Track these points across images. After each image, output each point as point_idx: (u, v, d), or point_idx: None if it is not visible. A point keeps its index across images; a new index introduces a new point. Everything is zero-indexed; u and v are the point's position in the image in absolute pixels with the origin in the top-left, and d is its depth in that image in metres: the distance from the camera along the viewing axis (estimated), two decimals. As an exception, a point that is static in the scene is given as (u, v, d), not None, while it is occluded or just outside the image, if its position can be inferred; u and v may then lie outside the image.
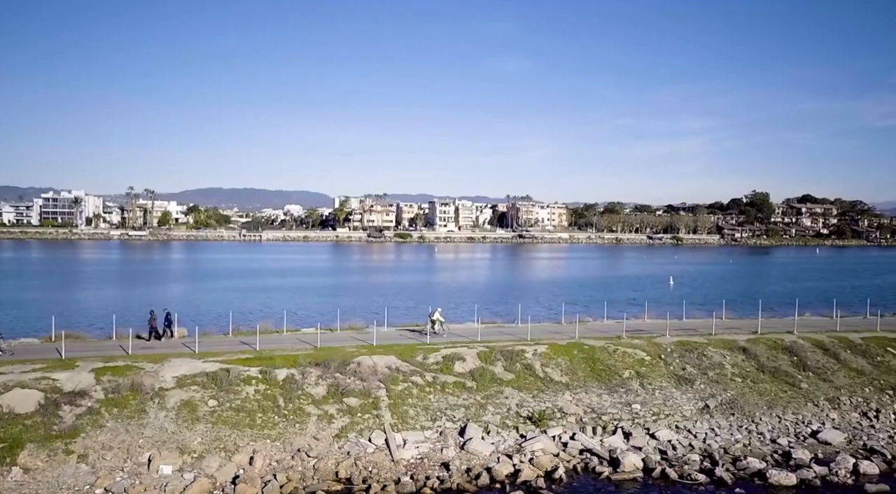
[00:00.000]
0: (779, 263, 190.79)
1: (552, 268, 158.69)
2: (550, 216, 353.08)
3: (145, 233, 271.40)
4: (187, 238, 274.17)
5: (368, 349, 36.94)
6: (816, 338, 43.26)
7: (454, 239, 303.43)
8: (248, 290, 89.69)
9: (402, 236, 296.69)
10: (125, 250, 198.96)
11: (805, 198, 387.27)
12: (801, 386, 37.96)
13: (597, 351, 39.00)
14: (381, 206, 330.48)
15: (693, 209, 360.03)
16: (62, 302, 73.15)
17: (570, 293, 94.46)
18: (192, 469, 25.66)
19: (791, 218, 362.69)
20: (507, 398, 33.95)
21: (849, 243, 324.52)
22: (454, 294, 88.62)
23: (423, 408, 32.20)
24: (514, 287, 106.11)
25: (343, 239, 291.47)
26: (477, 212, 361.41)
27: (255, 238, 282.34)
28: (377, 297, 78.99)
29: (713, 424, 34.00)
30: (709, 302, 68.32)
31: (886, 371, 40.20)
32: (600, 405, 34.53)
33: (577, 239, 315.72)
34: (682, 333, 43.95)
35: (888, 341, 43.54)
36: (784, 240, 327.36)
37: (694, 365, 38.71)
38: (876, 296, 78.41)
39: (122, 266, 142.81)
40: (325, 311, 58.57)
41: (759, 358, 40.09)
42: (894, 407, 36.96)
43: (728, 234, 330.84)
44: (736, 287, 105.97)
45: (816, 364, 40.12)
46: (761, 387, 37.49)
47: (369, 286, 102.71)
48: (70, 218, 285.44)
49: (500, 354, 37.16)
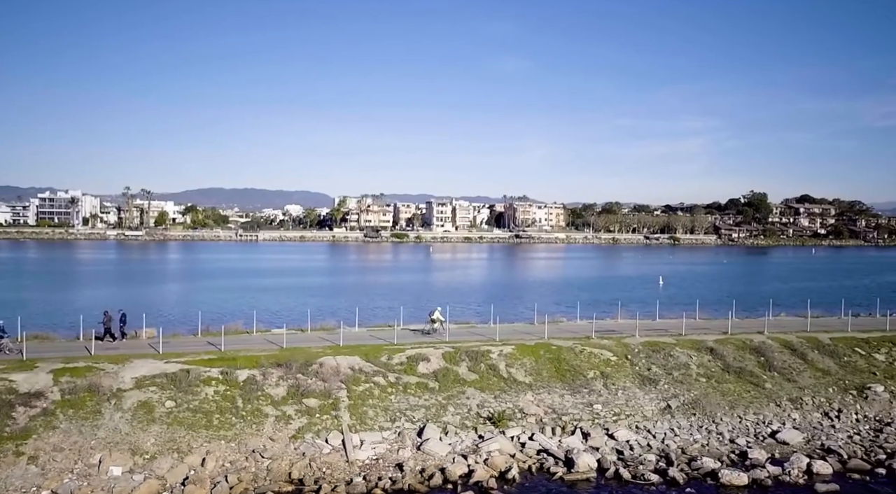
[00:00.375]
0: (773, 263, 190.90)
1: (544, 269, 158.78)
2: (548, 216, 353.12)
3: (141, 233, 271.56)
4: (184, 238, 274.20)
5: (334, 349, 37.11)
6: (785, 339, 43.41)
7: (451, 239, 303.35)
8: (232, 290, 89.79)
9: (398, 236, 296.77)
10: (119, 250, 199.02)
11: (803, 199, 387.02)
12: (766, 386, 38.10)
13: (563, 352, 39.16)
14: (378, 206, 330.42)
15: (691, 209, 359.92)
16: (38, 302, 73.27)
17: (557, 293, 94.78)
18: (142, 470, 25.83)
19: (789, 218, 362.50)
20: (468, 398, 34.10)
21: (846, 243, 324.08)
22: (440, 294, 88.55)
23: (384, 409, 32.35)
24: (501, 287, 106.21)
25: (340, 239, 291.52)
26: (475, 212, 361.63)
27: (251, 238, 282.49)
28: (361, 297, 79.10)
29: (674, 424, 34.15)
30: (692, 303, 68.33)
31: (852, 371, 40.35)
32: (562, 405, 34.68)
33: (574, 239, 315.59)
34: (652, 333, 44.10)
35: (857, 341, 43.67)
36: (781, 241, 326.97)
37: (660, 366, 38.86)
38: (861, 297, 78.65)
39: (111, 266, 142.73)
40: (302, 311, 58.46)
41: (725, 358, 40.25)
42: (857, 407, 37.11)
43: (725, 234, 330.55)
44: (724, 287, 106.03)
45: (783, 364, 40.26)
46: (725, 387, 37.63)
47: (355, 286, 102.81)
48: (67, 218, 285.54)
49: (465, 355, 37.31)
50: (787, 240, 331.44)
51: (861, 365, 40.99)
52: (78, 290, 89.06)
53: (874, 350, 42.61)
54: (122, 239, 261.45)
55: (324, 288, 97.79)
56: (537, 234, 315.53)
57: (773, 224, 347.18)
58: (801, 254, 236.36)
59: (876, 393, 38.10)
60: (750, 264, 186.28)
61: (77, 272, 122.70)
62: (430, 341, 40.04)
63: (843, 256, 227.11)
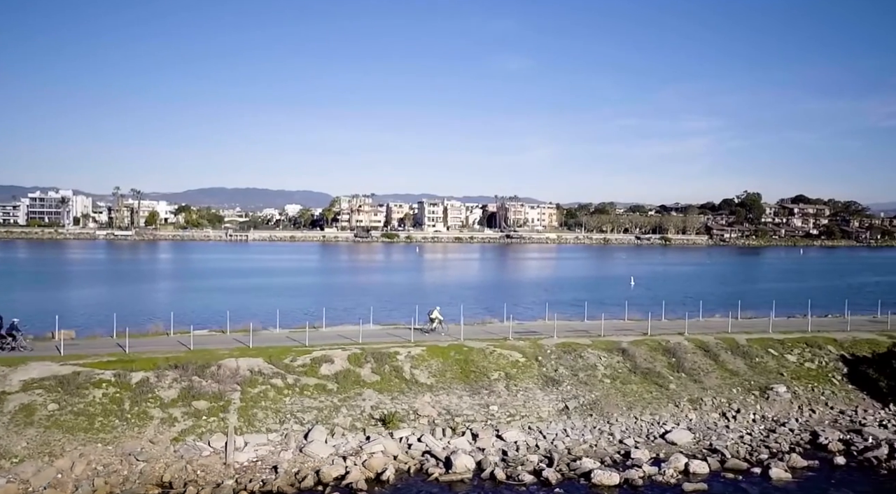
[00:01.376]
0: (755, 264, 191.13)
1: (521, 269, 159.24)
2: (541, 216, 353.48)
3: (131, 232, 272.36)
4: (173, 238, 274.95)
5: (241, 351, 37.45)
6: (703, 340, 43.69)
7: (441, 239, 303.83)
8: (198, 290, 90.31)
9: (389, 236, 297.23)
10: (102, 250, 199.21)
11: (798, 199, 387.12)
12: (670, 387, 38.42)
13: (474, 353, 39.47)
14: (370, 206, 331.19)
15: (685, 209, 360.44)
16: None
17: (520, 294, 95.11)
18: (6, 474, 26.12)
19: (782, 218, 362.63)
20: (364, 400, 34.43)
21: (838, 244, 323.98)
22: (404, 295, 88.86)
23: (275, 411, 32.68)
24: (466, 288, 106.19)
25: (330, 239, 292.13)
26: (467, 212, 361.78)
27: (241, 238, 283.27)
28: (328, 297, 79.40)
29: (568, 425, 34.50)
30: (658, 304, 68.44)
31: (761, 372, 40.65)
32: (458, 406, 35.01)
33: (565, 239, 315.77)
34: (571, 334, 44.38)
35: (773, 342, 43.95)
36: (773, 241, 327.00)
37: (568, 367, 39.18)
38: (824, 298, 78.47)
39: (83, 266, 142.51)
40: (254, 311, 58.84)
41: (636, 359, 40.54)
42: (757, 407, 37.48)
43: (717, 235, 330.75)
44: (692, 287, 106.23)
45: (693, 365, 40.57)
46: (628, 388, 37.97)
47: (324, 286, 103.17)
48: (57, 217, 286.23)
49: (371, 356, 37.63)
50: (779, 240, 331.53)
51: (770, 366, 41.29)
52: (24, 291, 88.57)
53: (787, 351, 42.89)
54: (112, 238, 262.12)
55: (294, 287, 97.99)
56: (528, 234, 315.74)
57: (765, 224, 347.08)
58: (790, 255, 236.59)
59: (778, 393, 38.43)
60: (733, 265, 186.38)
61: (43, 272, 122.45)
62: (340, 343, 40.27)
63: (829, 257, 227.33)
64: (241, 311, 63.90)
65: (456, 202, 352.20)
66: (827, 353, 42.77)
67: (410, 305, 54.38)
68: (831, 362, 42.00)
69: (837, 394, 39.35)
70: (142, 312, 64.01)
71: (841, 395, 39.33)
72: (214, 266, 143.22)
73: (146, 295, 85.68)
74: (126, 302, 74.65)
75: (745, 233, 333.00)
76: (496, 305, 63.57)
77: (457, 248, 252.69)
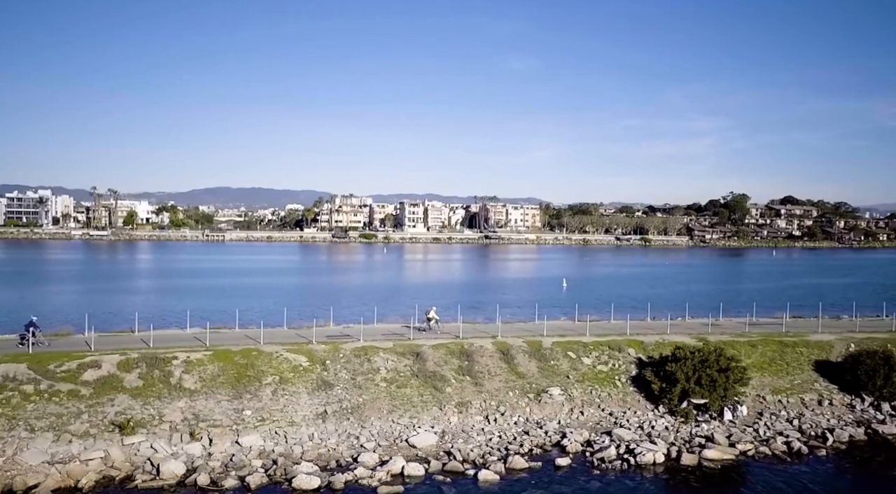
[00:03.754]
0: (712, 266, 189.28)
1: (471, 270, 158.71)
2: (524, 216, 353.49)
3: (107, 232, 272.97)
4: (149, 238, 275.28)
5: (13, 357, 37.20)
6: (507, 343, 43.40)
7: (419, 239, 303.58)
8: (123, 292, 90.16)
9: (366, 237, 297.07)
10: (74, 250, 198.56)
11: (787, 200, 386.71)
12: (446, 390, 38.19)
13: (260, 357, 39.23)
14: (350, 207, 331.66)
15: (671, 210, 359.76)
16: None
17: (432, 295, 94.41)
18: None
19: (767, 219, 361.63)
20: (113, 406, 34.22)
21: (820, 245, 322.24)
22: (328, 296, 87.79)
23: (9, 418, 32.43)
24: (376, 290, 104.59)
25: (307, 239, 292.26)
26: (451, 213, 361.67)
27: (218, 238, 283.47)
28: (245, 299, 78.89)
29: (320, 429, 34.39)
30: (552, 306, 68.36)
31: (549, 374, 40.40)
32: (209, 411, 34.80)
33: (544, 240, 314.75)
34: (380, 338, 44.11)
35: (578, 345, 43.51)
36: (755, 242, 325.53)
37: (350, 371, 38.95)
38: (737, 301, 77.72)
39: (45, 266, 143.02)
40: (151, 313, 58.46)
41: (426, 362, 40.24)
42: (527, 410, 37.59)
43: (698, 236, 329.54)
44: (616, 290, 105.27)
45: (483, 368, 40.32)
46: (402, 392, 37.76)
47: (250, 287, 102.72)
48: (35, 217, 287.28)
49: (142, 361, 37.42)
50: (760, 241, 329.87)
51: (562, 369, 40.98)
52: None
53: (586, 354, 42.52)
54: (88, 238, 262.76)
55: (222, 289, 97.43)
56: (507, 235, 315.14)
57: (747, 225, 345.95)
58: (760, 257, 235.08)
59: (551, 395, 38.29)
60: (690, 267, 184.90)
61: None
62: (127, 346, 40.02)
63: (799, 259, 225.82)
64: (141, 312, 63.50)
65: (437, 203, 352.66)
66: (625, 356, 42.43)
67: (328, 306, 54.62)
68: (624, 364, 41.70)
69: (614, 397, 39.23)
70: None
71: (618, 397, 39.22)
72: (179, 266, 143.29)
73: (56, 297, 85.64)
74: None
75: (727, 235, 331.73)
76: (386, 307, 63.49)
77: (429, 249, 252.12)
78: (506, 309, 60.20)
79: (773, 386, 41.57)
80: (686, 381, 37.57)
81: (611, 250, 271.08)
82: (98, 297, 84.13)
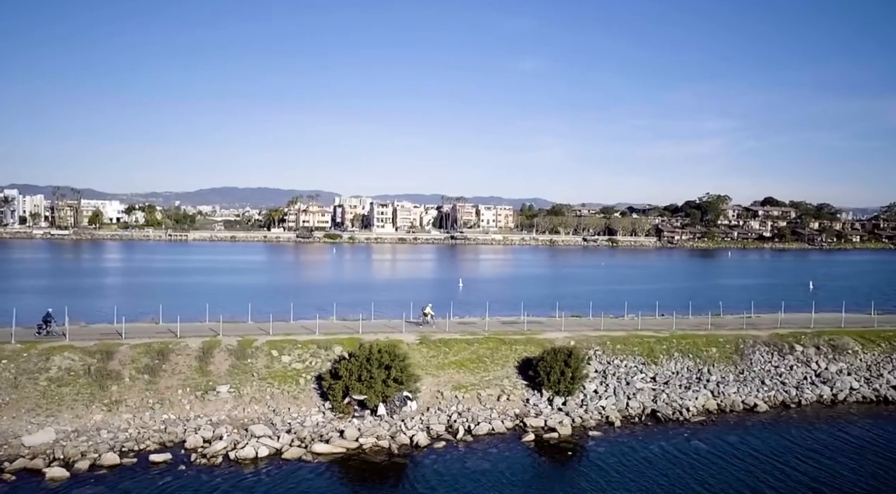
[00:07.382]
0: (651, 267, 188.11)
1: (385, 271, 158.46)
2: (496, 217, 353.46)
3: (68, 232, 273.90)
4: (111, 237, 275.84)
5: None
6: (218, 340, 43.04)
7: (385, 239, 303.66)
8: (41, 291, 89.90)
9: (331, 237, 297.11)
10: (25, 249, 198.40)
11: (767, 201, 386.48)
12: (112, 388, 37.59)
13: None
14: (317, 207, 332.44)
15: (648, 211, 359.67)
16: None
17: (330, 294, 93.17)
18: None
19: (742, 220, 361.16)
20: None
21: (789, 246, 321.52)
22: (233, 294, 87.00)
23: None
24: (283, 289, 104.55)
25: (271, 239, 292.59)
26: (422, 213, 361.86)
27: (181, 238, 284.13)
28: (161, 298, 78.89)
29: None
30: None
31: (235, 373, 39.97)
32: None
33: (511, 240, 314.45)
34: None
35: (283, 343, 43.01)
36: (725, 243, 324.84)
37: (15, 370, 38.29)
38: (610, 300, 77.18)
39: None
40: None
41: (114, 360, 39.72)
42: (187, 407, 37.19)
43: (667, 236, 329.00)
44: (521, 290, 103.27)
45: (171, 367, 39.87)
46: (59, 391, 36.80)
47: (169, 286, 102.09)
48: (1, 216, 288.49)
49: None
50: (730, 242, 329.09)
51: (254, 367, 40.40)
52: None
53: (290, 352, 42.15)
54: (49, 238, 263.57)
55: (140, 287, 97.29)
56: (473, 236, 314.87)
57: (718, 226, 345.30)
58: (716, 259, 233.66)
59: (218, 393, 38.18)
60: (629, 267, 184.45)
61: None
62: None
63: (753, 260, 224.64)
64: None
65: (407, 203, 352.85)
66: (328, 354, 42.08)
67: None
68: (323, 363, 41.32)
69: (287, 394, 39.13)
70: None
71: (291, 395, 39.16)
72: (127, 265, 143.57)
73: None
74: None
75: (696, 236, 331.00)
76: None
77: (386, 249, 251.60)
78: (350, 308, 58.68)
79: (459, 382, 41.33)
80: (349, 378, 37.45)
81: (576, 251, 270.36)
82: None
